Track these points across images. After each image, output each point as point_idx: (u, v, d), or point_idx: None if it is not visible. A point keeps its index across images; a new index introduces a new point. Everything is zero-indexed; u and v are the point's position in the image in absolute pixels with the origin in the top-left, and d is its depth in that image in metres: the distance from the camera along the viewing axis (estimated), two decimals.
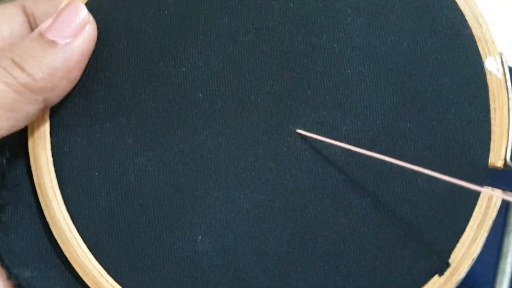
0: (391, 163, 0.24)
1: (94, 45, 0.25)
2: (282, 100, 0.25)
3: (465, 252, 0.24)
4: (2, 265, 0.24)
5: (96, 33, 0.25)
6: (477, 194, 0.24)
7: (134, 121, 0.25)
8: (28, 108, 0.23)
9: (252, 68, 0.25)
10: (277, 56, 0.25)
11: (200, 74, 0.25)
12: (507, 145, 0.25)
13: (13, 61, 0.23)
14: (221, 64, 0.25)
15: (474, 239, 0.24)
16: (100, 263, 0.25)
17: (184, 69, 0.25)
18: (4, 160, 0.25)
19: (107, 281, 0.24)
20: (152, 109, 0.25)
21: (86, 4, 0.25)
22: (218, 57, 0.25)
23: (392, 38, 0.25)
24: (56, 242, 0.25)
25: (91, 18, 0.25)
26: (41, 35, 0.24)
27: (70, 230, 0.25)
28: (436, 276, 0.24)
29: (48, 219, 0.25)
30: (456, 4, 0.25)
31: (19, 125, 0.24)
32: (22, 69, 0.23)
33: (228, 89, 0.25)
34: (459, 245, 0.24)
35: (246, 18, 0.25)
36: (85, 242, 0.25)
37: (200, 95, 0.25)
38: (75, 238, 0.25)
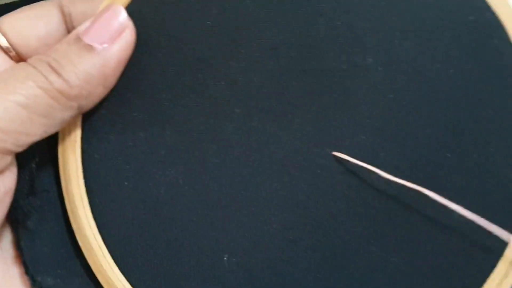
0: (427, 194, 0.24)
1: (132, 51, 0.24)
2: (320, 121, 0.24)
3: None
4: (27, 273, 0.24)
5: (134, 39, 0.24)
6: (510, 232, 0.24)
7: (168, 132, 0.24)
8: (63, 115, 0.23)
9: (291, 86, 0.24)
10: (318, 75, 0.24)
11: (238, 89, 0.24)
12: None
13: (50, 65, 0.22)
14: (260, 80, 0.24)
15: (505, 276, 0.24)
16: (124, 274, 0.24)
17: (223, 83, 0.24)
18: (34, 165, 0.24)
19: None
20: (187, 122, 0.24)
21: (126, 8, 0.24)
22: (258, 73, 0.24)
23: (438, 65, 0.24)
24: (81, 250, 0.24)
25: (130, 22, 0.24)
26: (78, 39, 0.23)
27: (96, 239, 0.24)
28: None
29: (73, 226, 0.24)
30: (507, 35, 0.25)
31: (52, 131, 0.23)
32: (58, 74, 0.22)
33: (266, 107, 0.24)
34: (489, 281, 0.24)
35: (290, 35, 0.24)
36: (110, 252, 0.24)
37: (237, 110, 0.24)
38: (100, 247, 0.24)
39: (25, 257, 0.24)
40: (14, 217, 0.24)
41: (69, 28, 0.26)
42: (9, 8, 0.25)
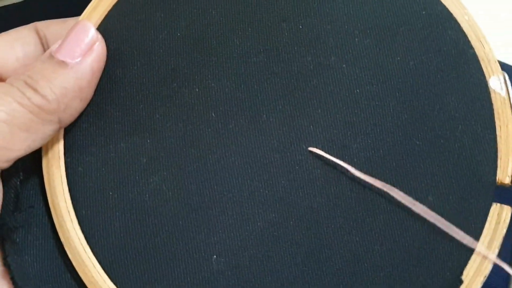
0: (401, 181, 0.25)
1: (104, 63, 0.25)
2: (293, 119, 0.26)
3: (477, 269, 0.25)
4: None
5: (105, 51, 0.25)
6: (486, 211, 0.25)
7: (148, 141, 0.25)
8: (44, 129, 0.23)
9: (263, 88, 0.26)
10: (287, 76, 0.26)
11: (213, 95, 0.26)
12: None
13: (26, 83, 0.23)
14: (233, 84, 0.26)
15: (485, 257, 0.25)
16: (115, 283, 0.25)
17: (197, 90, 0.26)
18: (18, 182, 0.25)
19: None
20: (166, 129, 0.25)
21: (99, 26, 0.26)
22: (230, 78, 0.26)
23: (399, 58, 0.26)
24: (70, 263, 0.25)
25: (99, 36, 0.25)
26: (51, 56, 0.24)
27: (85, 250, 0.25)
28: None
29: (62, 240, 0.25)
30: (459, 25, 0.26)
31: (35, 145, 0.24)
32: (34, 90, 0.23)
33: (241, 109, 0.26)
34: (471, 261, 0.25)
35: (257, 40, 0.26)
36: (100, 262, 0.25)
37: (213, 114, 0.25)
38: (89, 258, 0.25)
39: (13, 273, 0.24)
40: (0, 234, 0.25)
41: (45, 49, 0.27)
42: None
